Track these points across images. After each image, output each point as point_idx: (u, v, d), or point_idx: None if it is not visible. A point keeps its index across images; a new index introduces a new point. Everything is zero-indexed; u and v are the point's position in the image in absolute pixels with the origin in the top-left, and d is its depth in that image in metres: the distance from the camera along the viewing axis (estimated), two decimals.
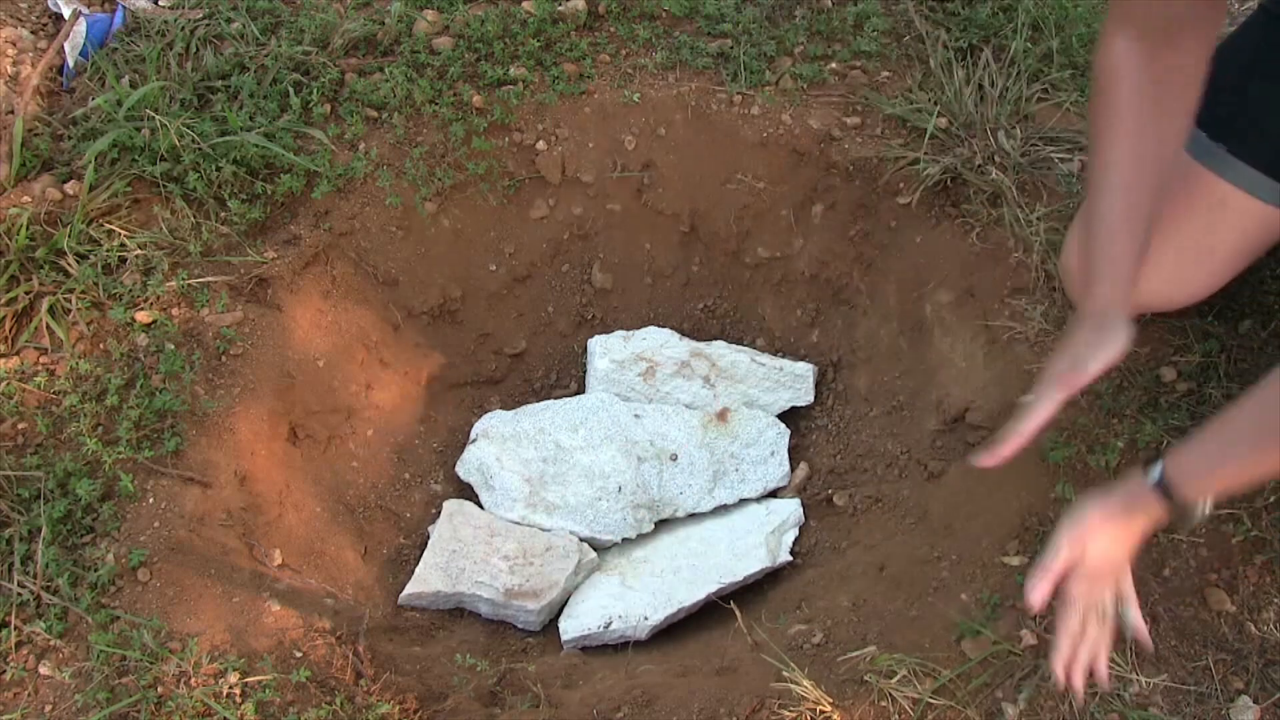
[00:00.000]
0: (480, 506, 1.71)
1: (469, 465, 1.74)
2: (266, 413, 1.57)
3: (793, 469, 1.78)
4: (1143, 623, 1.14)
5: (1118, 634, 1.12)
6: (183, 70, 1.83)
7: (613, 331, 1.90)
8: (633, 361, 1.83)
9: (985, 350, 1.59)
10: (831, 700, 1.22)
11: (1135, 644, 1.23)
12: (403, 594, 1.57)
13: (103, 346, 1.54)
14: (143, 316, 1.56)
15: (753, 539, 1.64)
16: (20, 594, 1.32)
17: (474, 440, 1.76)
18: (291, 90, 1.80)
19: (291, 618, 1.37)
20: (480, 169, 1.81)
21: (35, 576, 1.34)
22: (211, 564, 1.38)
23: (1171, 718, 1.19)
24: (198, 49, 1.88)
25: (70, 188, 1.67)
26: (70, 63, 1.89)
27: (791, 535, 1.67)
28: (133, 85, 1.80)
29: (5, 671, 1.28)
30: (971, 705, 1.22)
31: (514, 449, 1.73)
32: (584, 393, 1.87)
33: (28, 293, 1.56)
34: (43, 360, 1.53)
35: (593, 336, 1.89)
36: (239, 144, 1.68)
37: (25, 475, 1.42)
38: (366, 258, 1.75)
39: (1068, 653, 1.10)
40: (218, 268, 1.63)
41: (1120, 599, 1.13)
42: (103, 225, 1.63)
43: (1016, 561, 1.34)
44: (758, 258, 1.91)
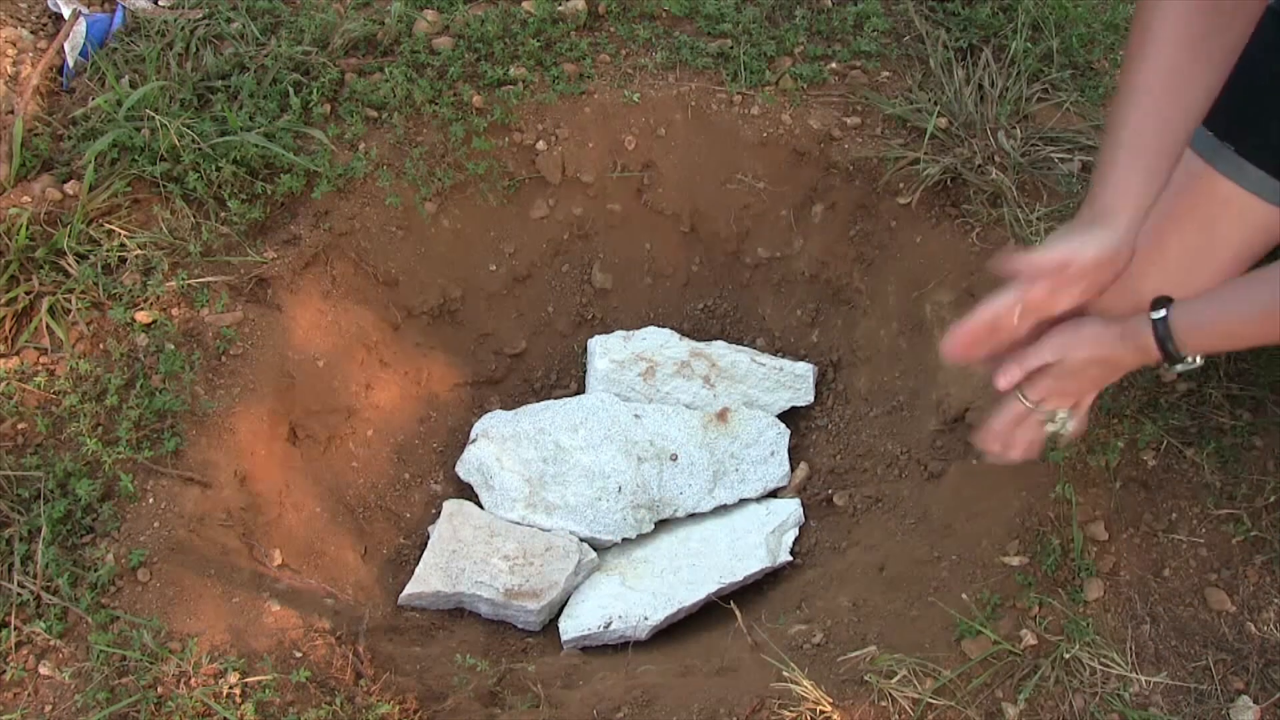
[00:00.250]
0: (480, 506, 1.71)
1: (469, 465, 1.74)
2: (266, 413, 1.57)
3: (793, 469, 1.78)
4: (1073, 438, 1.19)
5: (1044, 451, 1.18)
6: (183, 70, 1.83)
7: (613, 331, 1.90)
8: (633, 361, 1.83)
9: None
10: (831, 700, 1.22)
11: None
12: (403, 594, 1.57)
13: (103, 346, 1.54)
14: (143, 316, 1.56)
15: (753, 539, 1.64)
16: (20, 594, 1.32)
17: (474, 440, 1.76)
18: (291, 90, 1.80)
19: (291, 618, 1.37)
20: (480, 169, 1.81)
21: (35, 576, 1.34)
22: (211, 564, 1.38)
23: (1171, 718, 1.19)
24: (198, 49, 1.88)
25: (70, 188, 1.67)
26: (70, 63, 1.89)
27: (791, 535, 1.67)
28: (133, 85, 1.80)
29: (5, 671, 1.28)
30: (971, 705, 1.22)
31: (514, 449, 1.73)
32: (584, 393, 1.87)
33: (28, 293, 1.56)
34: (43, 360, 1.53)
35: (593, 336, 1.89)
36: (239, 144, 1.68)
37: (25, 475, 1.42)
38: (366, 258, 1.75)
39: (1000, 430, 1.17)
40: (218, 268, 1.63)
41: (1072, 410, 1.17)
42: (103, 225, 1.63)
43: (1016, 561, 1.34)
44: (758, 258, 1.91)
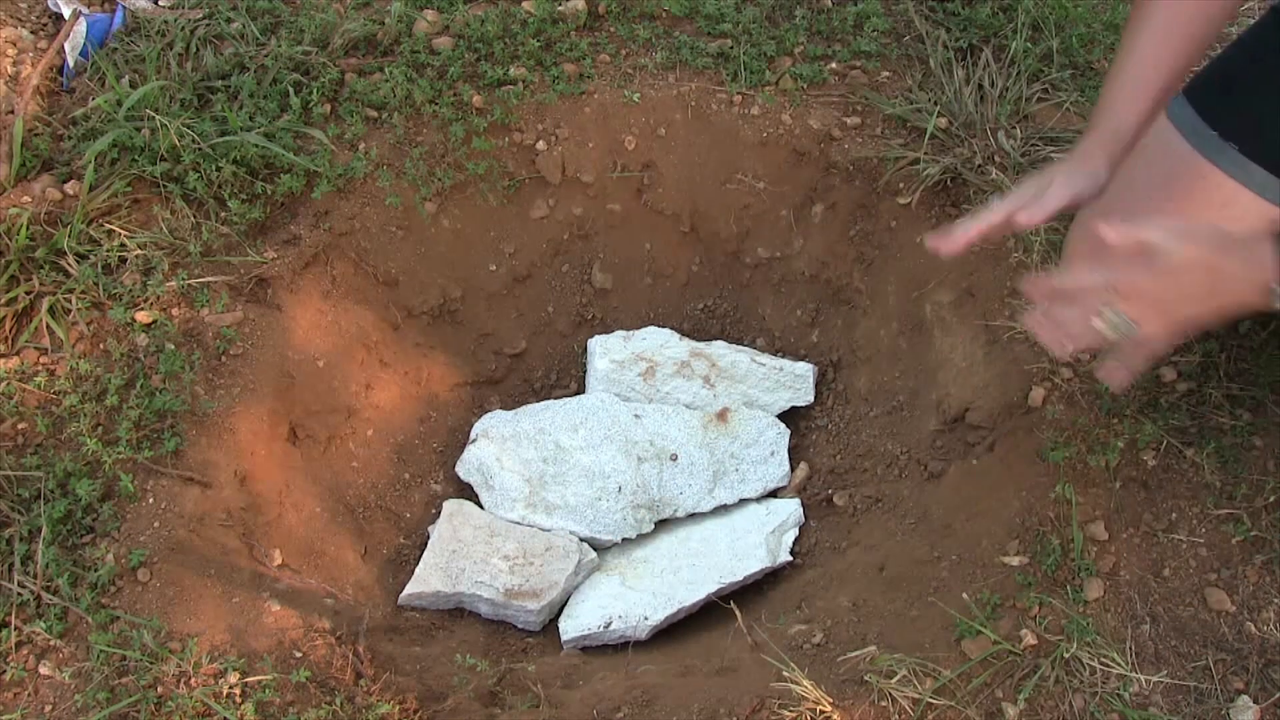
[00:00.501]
0: (480, 506, 1.71)
1: (469, 465, 1.74)
2: (266, 413, 1.57)
3: (793, 469, 1.78)
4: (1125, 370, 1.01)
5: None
6: (183, 70, 1.83)
7: (613, 331, 1.90)
8: (633, 361, 1.83)
9: (985, 350, 1.59)
10: (831, 700, 1.22)
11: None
12: (403, 594, 1.57)
13: (103, 346, 1.54)
14: (143, 316, 1.56)
15: (753, 539, 1.64)
16: (20, 594, 1.32)
17: (474, 440, 1.76)
18: (291, 90, 1.80)
19: (291, 618, 1.37)
20: (480, 169, 1.81)
21: (35, 576, 1.34)
22: (211, 564, 1.38)
23: (1171, 717, 1.19)
24: (198, 49, 1.88)
25: (70, 188, 1.67)
26: (70, 63, 1.89)
27: (791, 535, 1.67)
28: (133, 85, 1.80)
29: (5, 671, 1.28)
30: (971, 705, 1.22)
31: (514, 449, 1.73)
32: (584, 393, 1.87)
33: (28, 293, 1.56)
34: (43, 360, 1.53)
35: (593, 336, 1.89)
36: (239, 144, 1.68)
37: (25, 475, 1.42)
38: (366, 258, 1.75)
39: (1059, 291, 0.98)
40: (218, 268, 1.63)
41: (1135, 322, 0.96)
42: (103, 225, 1.63)
43: (1016, 561, 1.34)
44: (758, 258, 1.91)
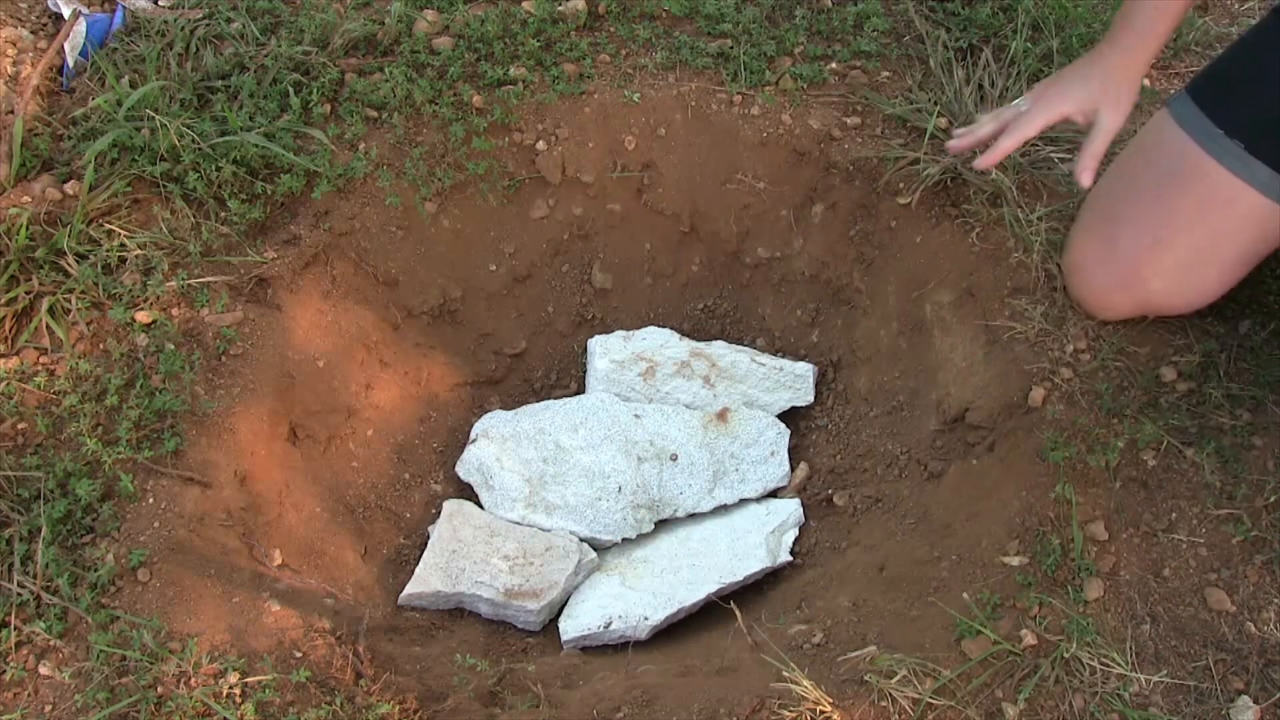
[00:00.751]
0: (480, 506, 1.71)
1: (469, 465, 1.74)
2: (266, 413, 1.57)
3: (793, 469, 1.78)
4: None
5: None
6: (183, 70, 1.83)
7: (613, 331, 1.90)
8: (633, 361, 1.83)
9: (985, 350, 1.59)
10: (831, 700, 1.22)
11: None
12: (403, 594, 1.57)
13: (103, 346, 1.54)
14: (143, 316, 1.56)
15: (753, 539, 1.64)
16: (20, 594, 1.32)
17: (474, 440, 1.76)
18: (291, 90, 1.80)
19: (291, 618, 1.37)
20: (480, 169, 1.81)
21: (35, 576, 1.34)
22: (211, 564, 1.38)
23: (1171, 717, 1.19)
24: (198, 49, 1.88)
25: (70, 188, 1.67)
26: (70, 63, 1.89)
27: (791, 535, 1.67)
28: (133, 85, 1.80)
29: (5, 671, 1.28)
30: (971, 705, 1.22)
31: (514, 449, 1.73)
32: (584, 393, 1.87)
33: (28, 293, 1.56)
34: (43, 360, 1.53)
35: (593, 336, 1.89)
36: (239, 144, 1.68)
37: (25, 475, 1.42)
38: (366, 258, 1.75)
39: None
40: (218, 268, 1.63)
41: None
42: (103, 225, 1.63)
43: (1016, 561, 1.34)
44: (758, 258, 1.91)
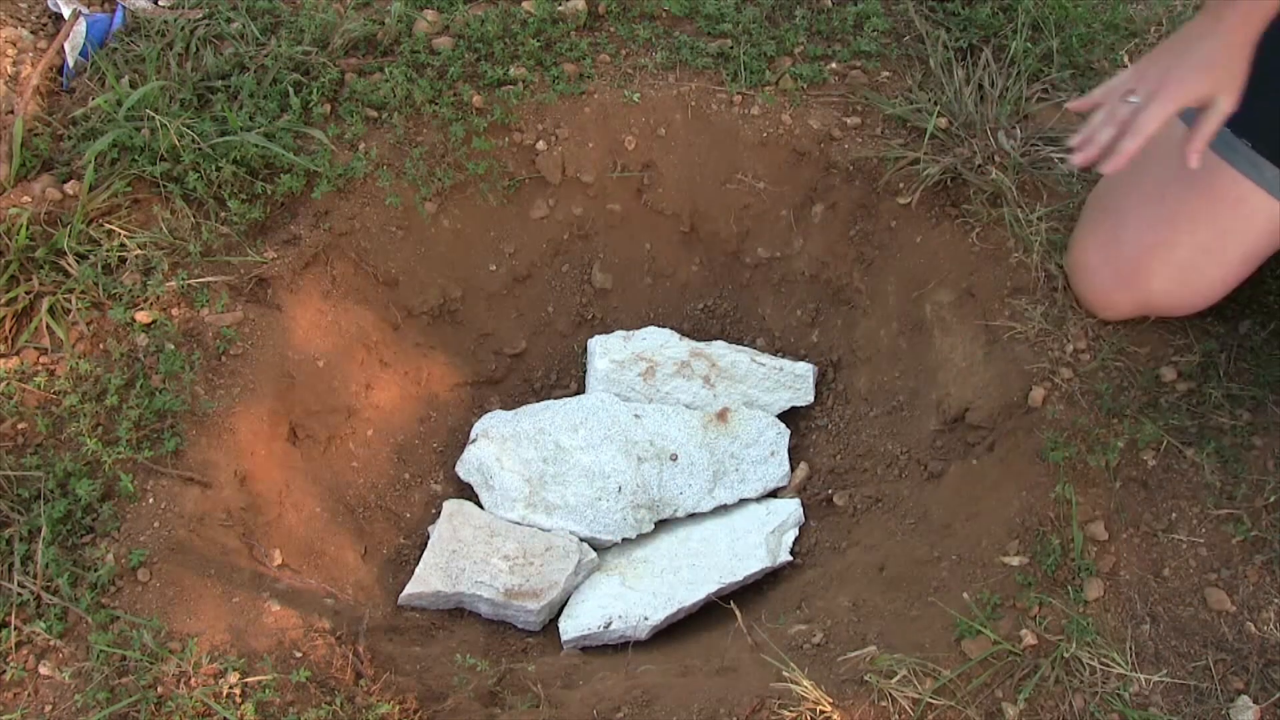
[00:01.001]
0: (480, 506, 1.71)
1: (469, 465, 1.74)
2: (266, 413, 1.57)
3: (793, 469, 1.78)
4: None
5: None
6: (183, 70, 1.83)
7: (613, 331, 1.90)
8: (633, 361, 1.83)
9: (985, 350, 1.59)
10: (831, 700, 1.22)
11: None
12: (403, 594, 1.57)
13: (103, 346, 1.54)
14: (143, 316, 1.56)
15: (753, 539, 1.64)
16: (20, 594, 1.32)
17: (474, 440, 1.76)
18: (291, 90, 1.80)
19: (291, 618, 1.37)
20: (480, 169, 1.81)
21: (35, 576, 1.34)
22: (211, 564, 1.38)
23: (1171, 717, 1.19)
24: (198, 49, 1.88)
25: (70, 188, 1.67)
26: (70, 63, 1.89)
27: (791, 535, 1.67)
28: (133, 85, 1.80)
29: (5, 671, 1.28)
30: (971, 705, 1.22)
31: (514, 449, 1.73)
32: (584, 393, 1.87)
33: (28, 293, 1.56)
34: (43, 360, 1.53)
35: (593, 336, 1.89)
36: (239, 144, 1.68)
37: (25, 475, 1.42)
38: (366, 258, 1.75)
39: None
40: (218, 268, 1.63)
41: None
42: (103, 225, 1.63)
43: (1016, 561, 1.34)
44: (758, 258, 1.91)
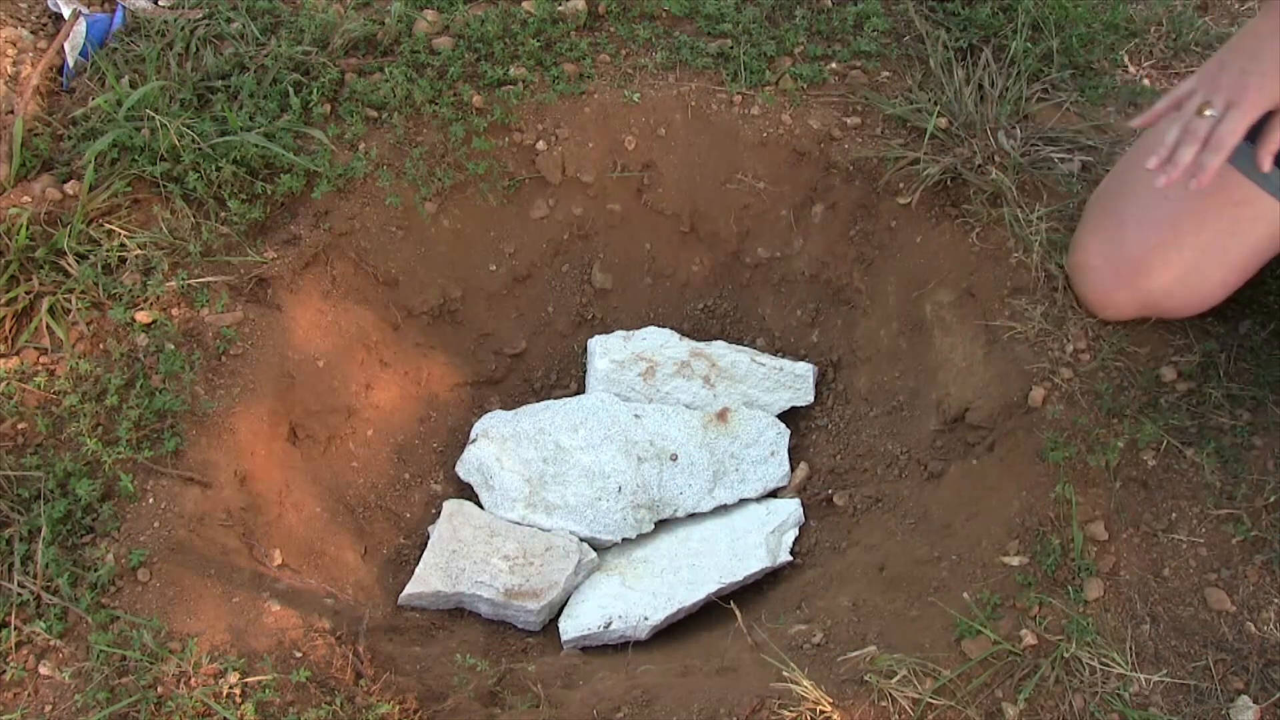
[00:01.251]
0: (480, 506, 1.71)
1: (469, 465, 1.74)
2: (266, 413, 1.57)
3: (793, 469, 1.78)
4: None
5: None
6: (183, 70, 1.83)
7: (613, 331, 1.90)
8: (633, 361, 1.83)
9: (985, 350, 1.59)
10: (831, 700, 1.22)
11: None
12: (403, 594, 1.57)
13: (103, 346, 1.54)
14: (143, 316, 1.56)
15: (753, 539, 1.64)
16: (20, 594, 1.32)
17: (474, 440, 1.76)
18: (291, 90, 1.80)
19: (291, 618, 1.37)
20: (480, 169, 1.81)
21: (35, 576, 1.34)
22: (211, 564, 1.38)
23: (1171, 717, 1.19)
24: (198, 49, 1.88)
25: (70, 188, 1.67)
26: (70, 63, 1.89)
27: (791, 535, 1.67)
28: (133, 85, 1.80)
29: (5, 671, 1.28)
30: (971, 705, 1.22)
31: (514, 449, 1.73)
32: (584, 393, 1.87)
33: (28, 293, 1.56)
34: (43, 360, 1.53)
35: (593, 336, 1.89)
36: (239, 144, 1.68)
37: (25, 475, 1.42)
38: (366, 258, 1.75)
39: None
40: (218, 268, 1.63)
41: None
42: (103, 225, 1.63)
43: (1016, 561, 1.34)
44: (758, 258, 1.91)
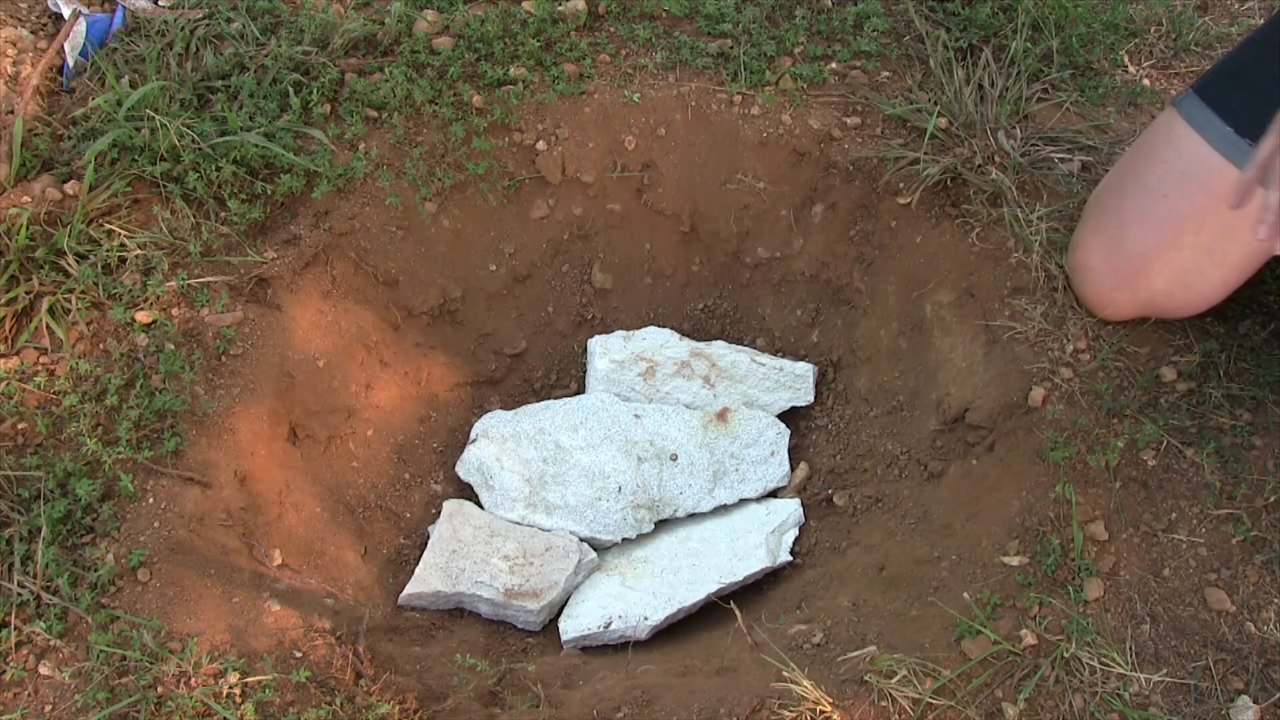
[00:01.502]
0: (480, 506, 1.71)
1: (469, 465, 1.74)
2: (266, 413, 1.57)
3: (793, 469, 1.78)
4: None
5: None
6: (183, 70, 1.83)
7: (613, 331, 1.90)
8: (633, 361, 1.83)
9: (985, 350, 1.59)
10: (831, 700, 1.22)
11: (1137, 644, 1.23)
12: (403, 594, 1.57)
13: (103, 346, 1.54)
14: (143, 316, 1.56)
15: (753, 539, 1.64)
16: (20, 594, 1.32)
17: (474, 440, 1.76)
18: (291, 90, 1.80)
19: (291, 618, 1.37)
20: (480, 169, 1.81)
21: (35, 576, 1.34)
22: (211, 564, 1.38)
23: (1171, 717, 1.19)
24: (198, 49, 1.88)
25: (70, 188, 1.67)
26: (70, 63, 1.89)
27: (791, 535, 1.67)
28: (133, 85, 1.80)
29: (5, 671, 1.28)
30: (971, 705, 1.22)
31: (514, 449, 1.73)
32: (584, 393, 1.87)
33: (28, 293, 1.56)
34: (43, 360, 1.53)
35: (593, 336, 1.89)
36: (239, 144, 1.68)
37: (25, 475, 1.42)
38: (366, 258, 1.75)
39: None
40: (218, 268, 1.63)
41: None
42: (103, 225, 1.63)
43: (1016, 561, 1.34)
44: (758, 258, 1.91)
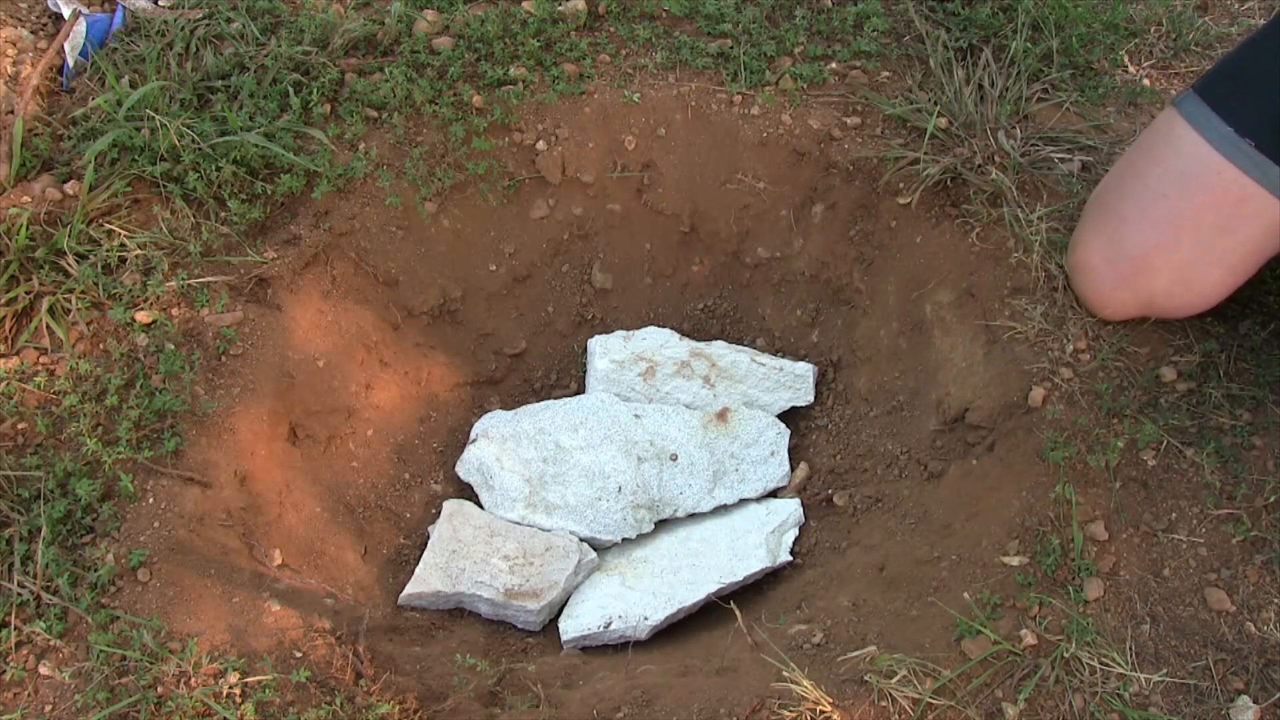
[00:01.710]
0: (480, 506, 1.71)
1: (469, 465, 1.74)
2: (266, 413, 1.57)
3: (793, 469, 1.78)
4: None
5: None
6: (183, 70, 1.83)
7: (613, 331, 1.90)
8: (633, 361, 1.83)
9: (985, 350, 1.59)
10: (831, 700, 1.22)
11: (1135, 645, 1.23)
12: (403, 594, 1.57)
13: (103, 346, 1.54)
14: (143, 316, 1.56)
15: (753, 539, 1.64)
16: (20, 594, 1.32)
17: (474, 440, 1.76)
18: (291, 90, 1.80)
19: (291, 618, 1.37)
20: (480, 169, 1.81)
21: (35, 576, 1.34)
22: (211, 564, 1.38)
23: (1171, 717, 1.19)
24: (198, 49, 1.88)
25: (70, 188, 1.67)
26: (70, 63, 1.89)
27: (791, 535, 1.67)
28: (133, 85, 1.80)
29: (5, 671, 1.28)
30: (971, 705, 1.22)
31: (514, 449, 1.73)
32: (584, 393, 1.87)
33: (28, 293, 1.56)
34: (43, 360, 1.53)
35: (593, 336, 1.89)
36: (239, 144, 1.68)
37: (25, 475, 1.42)
38: (366, 258, 1.75)
39: None
40: (218, 268, 1.63)
41: None
42: (103, 225, 1.63)
43: (1016, 561, 1.34)
44: (758, 258, 1.91)
